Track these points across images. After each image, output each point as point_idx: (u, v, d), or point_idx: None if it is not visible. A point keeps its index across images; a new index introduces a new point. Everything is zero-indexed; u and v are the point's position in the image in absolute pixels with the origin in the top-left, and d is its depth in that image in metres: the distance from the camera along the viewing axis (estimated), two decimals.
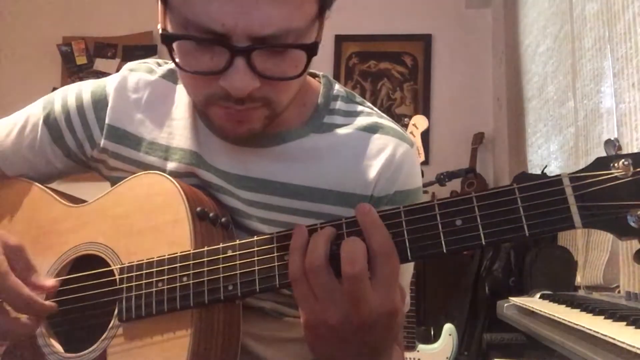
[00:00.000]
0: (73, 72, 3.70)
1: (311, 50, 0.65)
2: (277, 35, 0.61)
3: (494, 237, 0.57)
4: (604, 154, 0.57)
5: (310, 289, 0.59)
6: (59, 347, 0.76)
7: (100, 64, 3.70)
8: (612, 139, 0.56)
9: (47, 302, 0.71)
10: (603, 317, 0.98)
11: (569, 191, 0.55)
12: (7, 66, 3.73)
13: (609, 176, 0.54)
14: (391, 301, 0.59)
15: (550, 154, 2.41)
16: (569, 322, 0.98)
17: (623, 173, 0.54)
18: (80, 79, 3.60)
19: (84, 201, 0.83)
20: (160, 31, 0.66)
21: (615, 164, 0.55)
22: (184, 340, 0.67)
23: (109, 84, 0.84)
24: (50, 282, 0.73)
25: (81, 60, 3.72)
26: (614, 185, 0.54)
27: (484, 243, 0.57)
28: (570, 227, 0.55)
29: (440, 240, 0.58)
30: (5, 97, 3.58)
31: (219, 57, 0.63)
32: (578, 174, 0.55)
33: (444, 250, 0.58)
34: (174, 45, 0.65)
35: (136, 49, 3.66)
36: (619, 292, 1.54)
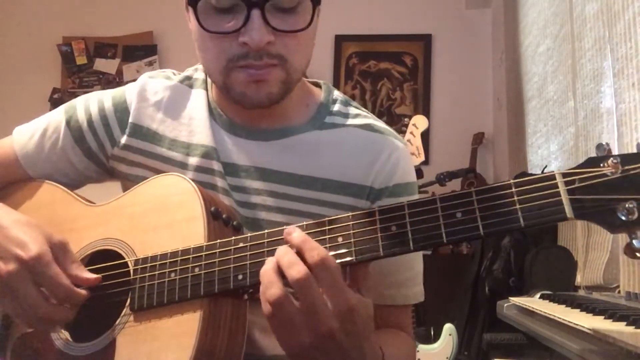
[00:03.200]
0: (73, 72, 3.69)
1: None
2: None
3: (492, 227, 0.60)
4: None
5: (280, 322, 0.62)
6: (68, 336, 0.78)
7: (100, 64, 3.69)
8: (604, 143, 0.60)
9: (83, 291, 0.74)
10: (603, 317, 0.98)
11: (561, 186, 0.59)
12: (7, 66, 3.73)
13: (599, 173, 0.58)
14: (345, 300, 0.61)
15: (550, 154, 2.41)
16: (568, 322, 0.98)
17: (612, 170, 0.57)
18: (80, 79, 3.63)
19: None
20: None
21: (606, 163, 0.58)
22: (193, 328, 0.68)
23: (128, 90, 0.91)
24: (93, 276, 0.76)
25: (81, 60, 3.71)
26: (604, 181, 0.57)
27: (482, 234, 0.61)
28: (562, 219, 0.58)
29: (441, 232, 0.62)
30: (5, 97, 3.58)
31: (238, 17, 0.74)
32: (570, 171, 0.59)
33: (444, 241, 0.62)
34: (198, 11, 0.75)
35: (136, 49, 3.67)
36: (619, 292, 1.54)
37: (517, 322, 1.34)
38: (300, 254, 0.62)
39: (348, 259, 0.64)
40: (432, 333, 2.38)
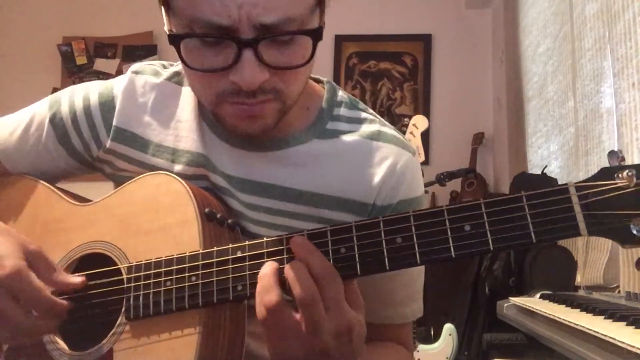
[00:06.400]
0: (73, 72, 3.69)
1: (316, 35, 0.67)
2: (281, 23, 0.63)
3: (502, 243, 0.59)
4: (604, 154, 0.58)
5: (273, 328, 0.61)
6: (63, 345, 0.76)
7: (100, 64, 3.70)
8: (616, 150, 0.59)
9: (65, 302, 0.71)
10: (603, 317, 0.98)
11: (575, 200, 0.57)
12: (7, 66, 3.73)
13: (613, 186, 0.56)
14: (345, 319, 0.60)
15: (550, 154, 2.41)
16: (569, 322, 0.98)
17: (626, 183, 0.56)
18: (81, 79, 3.63)
19: (89, 200, 0.83)
20: (167, 32, 0.68)
21: (619, 175, 0.57)
22: (192, 339, 0.67)
23: (116, 86, 0.84)
24: (77, 279, 0.73)
25: (81, 60, 3.72)
26: (618, 195, 0.56)
27: (492, 248, 0.59)
28: (575, 235, 0.57)
29: (449, 245, 0.60)
30: (5, 97, 3.58)
31: (227, 53, 0.65)
32: (583, 184, 0.57)
33: (453, 255, 0.60)
34: (182, 46, 0.67)
35: (136, 49, 3.66)
36: (619, 292, 1.54)
37: (517, 322, 1.34)
38: (305, 265, 0.61)
39: (352, 271, 0.62)
40: (432, 333, 2.38)
